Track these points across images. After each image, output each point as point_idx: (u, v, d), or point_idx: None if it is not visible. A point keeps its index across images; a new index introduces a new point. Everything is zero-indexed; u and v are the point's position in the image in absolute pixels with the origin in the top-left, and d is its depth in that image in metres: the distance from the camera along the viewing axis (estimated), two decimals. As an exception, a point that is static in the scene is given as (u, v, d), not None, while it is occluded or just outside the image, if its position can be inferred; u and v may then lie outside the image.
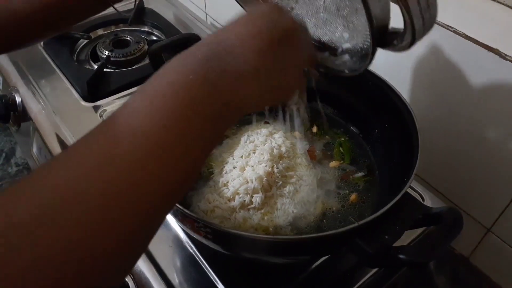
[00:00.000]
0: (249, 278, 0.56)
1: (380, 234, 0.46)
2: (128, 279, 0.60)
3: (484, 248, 0.75)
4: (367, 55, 0.40)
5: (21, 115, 0.87)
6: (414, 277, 0.66)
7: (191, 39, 0.73)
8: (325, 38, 0.47)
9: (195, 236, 0.51)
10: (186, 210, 0.46)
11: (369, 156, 0.67)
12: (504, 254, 0.71)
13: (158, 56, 0.68)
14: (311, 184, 0.62)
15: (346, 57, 0.44)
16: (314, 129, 0.71)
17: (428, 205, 0.51)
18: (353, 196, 0.61)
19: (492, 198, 0.69)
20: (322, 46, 0.47)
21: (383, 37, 0.37)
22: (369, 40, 0.37)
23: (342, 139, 0.69)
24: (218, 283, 0.57)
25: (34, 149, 0.84)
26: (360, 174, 0.64)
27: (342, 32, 0.44)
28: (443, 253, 0.47)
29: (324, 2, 0.45)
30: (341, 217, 0.59)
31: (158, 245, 0.62)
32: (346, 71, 0.44)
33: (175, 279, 0.58)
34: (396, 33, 0.38)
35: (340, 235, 0.46)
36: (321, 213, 0.59)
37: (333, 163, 0.65)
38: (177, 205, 0.47)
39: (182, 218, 0.49)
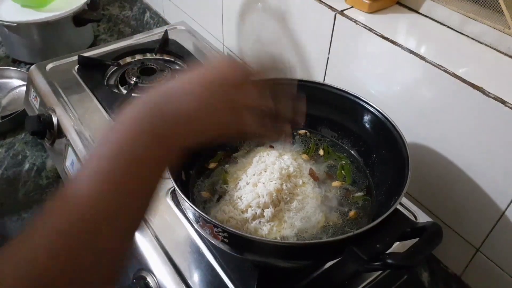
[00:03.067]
0: (258, 281, 0.63)
1: (373, 243, 0.54)
2: (151, 279, 0.67)
3: (475, 267, 0.80)
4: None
5: (56, 132, 0.96)
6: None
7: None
8: None
9: (212, 241, 0.59)
10: (207, 216, 0.55)
11: (368, 178, 0.75)
12: (493, 273, 0.77)
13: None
14: (315, 201, 0.70)
15: None
16: (321, 152, 0.79)
17: (418, 221, 0.59)
18: (352, 213, 0.69)
19: (480, 220, 0.75)
20: None
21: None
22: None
23: (344, 162, 0.77)
24: (229, 284, 0.65)
25: (67, 163, 0.93)
26: (359, 193, 0.72)
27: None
28: (423, 259, 0.54)
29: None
30: (340, 230, 0.67)
31: (178, 251, 0.70)
32: None
33: (192, 280, 0.66)
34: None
35: (338, 242, 0.53)
36: (323, 226, 0.67)
37: (336, 183, 0.73)
38: (199, 211, 0.55)
39: (203, 224, 0.57)
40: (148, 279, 0.67)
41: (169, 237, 0.72)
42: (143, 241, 0.72)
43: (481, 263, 0.79)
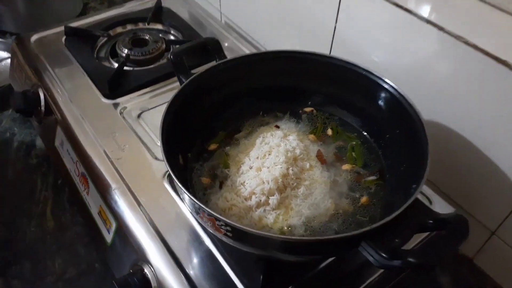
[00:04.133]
0: (264, 274, 0.59)
1: (391, 237, 0.49)
2: (148, 270, 0.63)
3: (488, 250, 0.77)
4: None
5: (43, 110, 0.90)
6: (418, 276, 0.69)
7: (211, 43, 0.75)
8: None
9: (215, 233, 0.54)
10: (209, 210, 0.50)
11: (381, 160, 0.69)
12: (508, 257, 0.74)
13: (180, 59, 0.71)
14: (324, 186, 0.65)
15: None
16: (329, 132, 0.73)
17: (436, 209, 0.54)
18: (364, 199, 0.64)
19: (497, 203, 0.71)
20: None
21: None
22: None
23: (354, 142, 0.72)
24: (233, 277, 0.61)
25: (57, 143, 0.87)
26: (372, 177, 0.67)
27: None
28: (449, 258, 0.50)
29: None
30: (352, 218, 0.62)
31: (177, 239, 0.65)
32: None
33: (192, 271, 0.62)
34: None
35: (353, 238, 0.49)
36: (333, 214, 0.62)
37: (346, 166, 0.68)
38: (200, 204, 0.50)
39: (203, 216, 0.52)
40: (146, 270, 0.63)
41: (166, 224, 0.67)
42: (139, 229, 0.67)
43: (496, 247, 0.75)
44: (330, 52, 0.88)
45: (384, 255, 0.47)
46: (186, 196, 0.51)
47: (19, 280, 0.81)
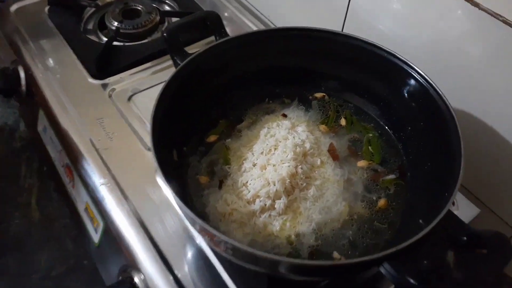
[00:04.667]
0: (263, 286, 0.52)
1: (419, 258, 0.42)
2: (138, 279, 0.56)
3: None
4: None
5: (24, 91, 0.81)
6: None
7: (210, 18, 0.66)
8: None
9: (214, 248, 0.47)
10: (206, 225, 0.42)
11: (401, 156, 0.61)
12: None
13: (175, 37, 0.62)
14: (337, 186, 0.57)
15: None
16: (343, 122, 0.65)
17: (461, 212, 0.46)
18: (382, 202, 0.56)
19: None
20: None
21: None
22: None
23: (371, 134, 0.64)
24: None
25: (40, 128, 0.79)
26: (391, 176, 0.59)
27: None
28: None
29: None
30: (368, 224, 0.55)
31: (170, 244, 0.58)
32: None
33: (187, 281, 0.55)
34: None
35: (372, 262, 0.41)
36: (347, 219, 0.55)
37: (361, 163, 0.60)
38: (196, 218, 0.43)
39: (201, 230, 0.44)
40: (136, 279, 0.56)
41: (159, 226, 0.60)
42: (128, 231, 0.60)
43: None
44: (343, 26, 0.78)
45: (412, 281, 0.40)
46: (184, 210, 0.44)
47: (3, 276, 0.75)
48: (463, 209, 0.63)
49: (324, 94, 0.68)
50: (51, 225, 0.81)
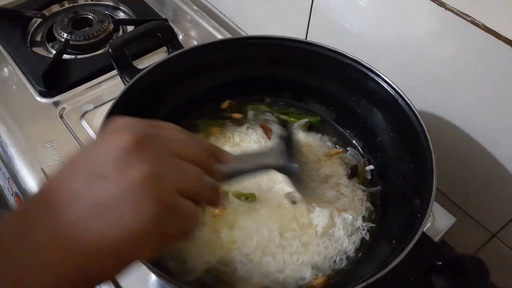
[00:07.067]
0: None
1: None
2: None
3: (487, 251, 0.72)
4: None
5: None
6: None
7: (161, 29, 0.61)
8: None
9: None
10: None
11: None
12: (508, 259, 0.68)
13: (121, 53, 0.57)
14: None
15: None
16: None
17: (437, 222, 0.44)
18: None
19: (501, 205, 0.65)
20: None
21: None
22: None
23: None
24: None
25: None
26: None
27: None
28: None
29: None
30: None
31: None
32: None
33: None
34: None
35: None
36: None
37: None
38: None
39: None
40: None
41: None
42: None
43: (496, 248, 0.69)
44: (308, 25, 0.75)
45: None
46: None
47: None
48: (440, 219, 0.61)
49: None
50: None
